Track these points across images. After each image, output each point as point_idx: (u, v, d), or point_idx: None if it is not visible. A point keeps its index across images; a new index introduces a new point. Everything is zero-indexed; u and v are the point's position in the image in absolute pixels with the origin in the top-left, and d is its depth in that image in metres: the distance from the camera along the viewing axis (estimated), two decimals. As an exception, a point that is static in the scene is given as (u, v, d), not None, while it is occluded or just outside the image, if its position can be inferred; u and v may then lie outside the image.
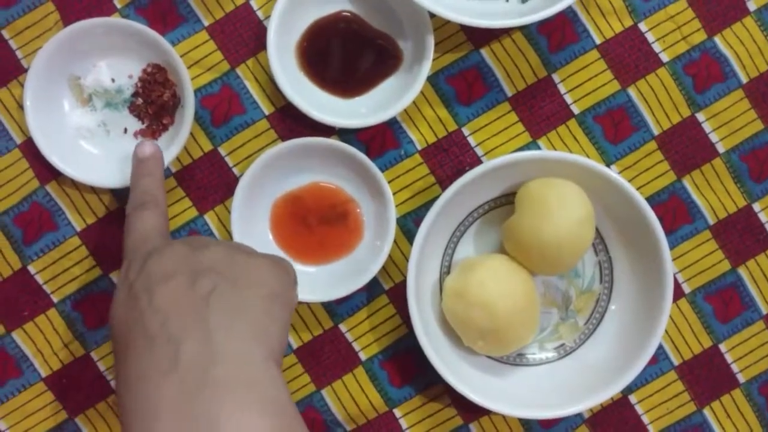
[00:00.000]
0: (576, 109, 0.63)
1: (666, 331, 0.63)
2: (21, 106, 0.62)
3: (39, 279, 0.63)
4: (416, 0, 0.57)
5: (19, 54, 0.62)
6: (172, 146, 0.60)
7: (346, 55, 0.62)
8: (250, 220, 0.62)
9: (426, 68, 0.60)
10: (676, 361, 0.65)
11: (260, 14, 0.62)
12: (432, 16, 0.59)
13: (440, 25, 0.62)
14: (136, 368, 0.40)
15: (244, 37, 0.62)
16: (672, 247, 0.63)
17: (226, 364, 0.39)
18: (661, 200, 0.64)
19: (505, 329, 0.58)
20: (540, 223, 0.57)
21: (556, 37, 0.63)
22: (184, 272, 0.43)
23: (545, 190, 0.58)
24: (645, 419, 0.65)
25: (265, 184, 0.62)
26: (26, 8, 0.61)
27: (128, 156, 0.61)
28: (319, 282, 0.62)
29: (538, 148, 0.63)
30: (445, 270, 0.63)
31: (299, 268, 0.62)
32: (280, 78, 0.59)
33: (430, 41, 0.60)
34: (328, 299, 0.61)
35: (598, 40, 0.63)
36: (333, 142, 0.60)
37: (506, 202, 0.63)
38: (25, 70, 0.61)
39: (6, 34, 0.61)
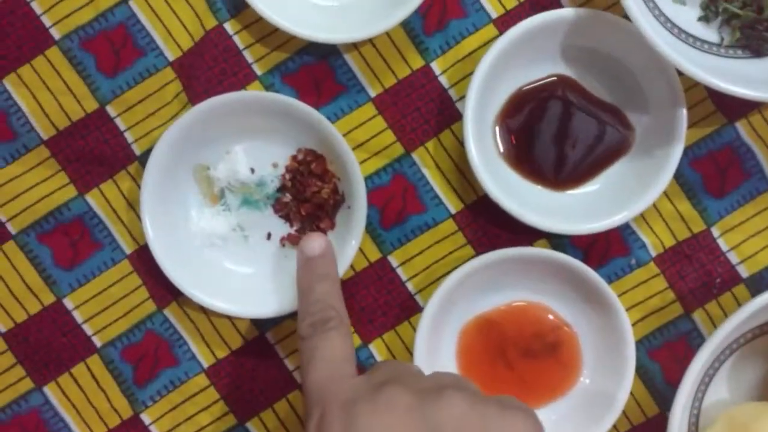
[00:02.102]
0: None
1: None
2: (131, 205, 0.47)
3: (155, 431, 0.48)
4: (661, 52, 0.41)
5: (128, 137, 0.47)
6: (334, 260, 0.45)
7: (559, 133, 0.46)
8: (433, 352, 0.46)
9: (676, 154, 0.44)
10: None
11: (444, 81, 0.47)
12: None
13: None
14: None
15: (422, 111, 0.47)
16: None
17: None
18: None
19: None
20: None
21: (838, 105, 0.47)
22: None
23: None
24: None
25: (453, 306, 0.47)
26: (138, 76, 0.47)
27: (273, 272, 0.47)
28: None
29: (811, 251, 0.48)
30: (693, 420, 0.47)
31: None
32: (476, 164, 0.44)
33: (682, 116, 0.44)
34: (539, 461, 0.45)
35: None
36: (541, 251, 0.45)
37: (775, 327, 0.47)
38: (137, 158, 0.47)
39: (112, 110, 0.47)
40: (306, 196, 0.46)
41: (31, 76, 0.46)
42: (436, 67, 0.47)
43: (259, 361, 0.48)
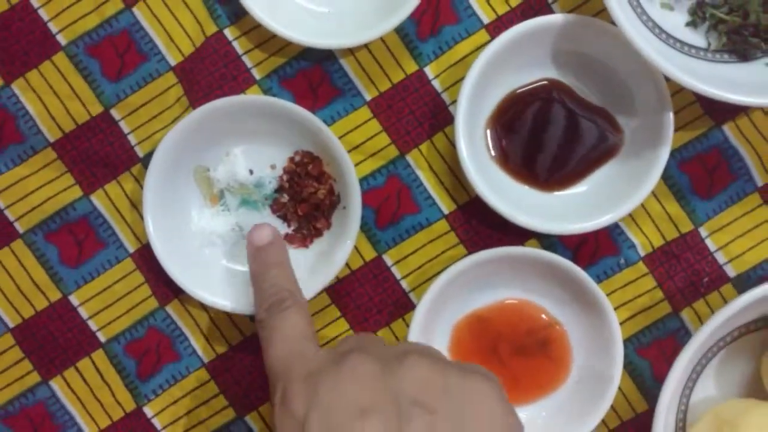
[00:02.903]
0: None
1: None
2: (134, 205, 0.49)
3: (157, 423, 0.50)
4: (649, 58, 0.42)
5: (132, 139, 0.49)
6: (328, 259, 0.46)
7: (549, 136, 0.47)
8: (425, 349, 0.48)
9: (663, 156, 0.45)
10: None
11: (437, 85, 0.48)
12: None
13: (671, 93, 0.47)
14: None
15: (416, 114, 0.48)
16: None
17: None
18: None
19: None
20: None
21: (824, 108, 0.48)
22: (382, 406, 0.31)
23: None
24: None
25: (446, 303, 0.48)
26: (141, 81, 0.48)
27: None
28: None
29: (797, 252, 0.49)
30: (681, 416, 0.48)
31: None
32: (468, 166, 0.45)
33: (669, 120, 0.45)
34: (530, 456, 0.47)
35: None
36: (531, 250, 0.46)
37: (763, 325, 0.48)
38: (140, 159, 0.49)
39: (116, 114, 0.48)
40: (303, 197, 0.47)
41: (38, 80, 0.48)
42: (429, 71, 0.48)
43: (258, 356, 0.49)
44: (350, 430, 0.30)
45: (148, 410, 0.50)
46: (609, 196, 0.47)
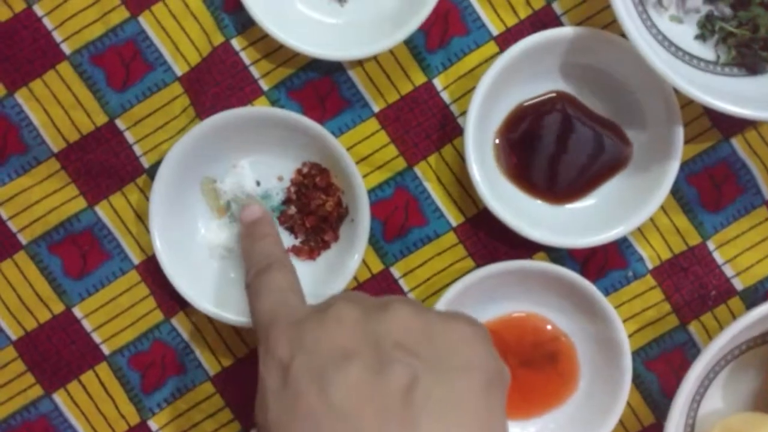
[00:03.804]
0: None
1: None
2: (139, 217, 0.48)
3: (162, 437, 0.49)
4: (658, 71, 0.42)
5: (137, 150, 0.48)
6: (336, 272, 0.46)
7: (558, 148, 0.47)
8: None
9: (673, 169, 0.45)
10: None
11: (446, 96, 0.48)
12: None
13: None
14: None
15: (424, 126, 0.48)
16: None
17: None
18: None
19: None
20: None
21: (832, 122, 0.48)
22: (364, 350, 0.31)
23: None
24: None
25: (454, 317, 0.47)
26: (146, 91, 0.48)
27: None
28: (523, 443, 0.48)
29: (805, 265, 0.49)
30: (689, 429, 0.48)
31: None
32: (477, 179, 0.45)
33: (678, 133, 0.45)
34: (538, 470, 0.47)
35: None
36: (539, 264, 0.46)
37: (769, 339, 0.48)
38: (145, 171, 0.48)
39: (121, 124, 0.48)
40: (310, 209, 0.47)
41: (42, 90, 0.47)
42: (438, 83, 0.48)
43: (264, 369, 0.49)
44: (333, 373, 0.30)
45: (153, 424, 0.49)
46: (618, 209, 0.46)
